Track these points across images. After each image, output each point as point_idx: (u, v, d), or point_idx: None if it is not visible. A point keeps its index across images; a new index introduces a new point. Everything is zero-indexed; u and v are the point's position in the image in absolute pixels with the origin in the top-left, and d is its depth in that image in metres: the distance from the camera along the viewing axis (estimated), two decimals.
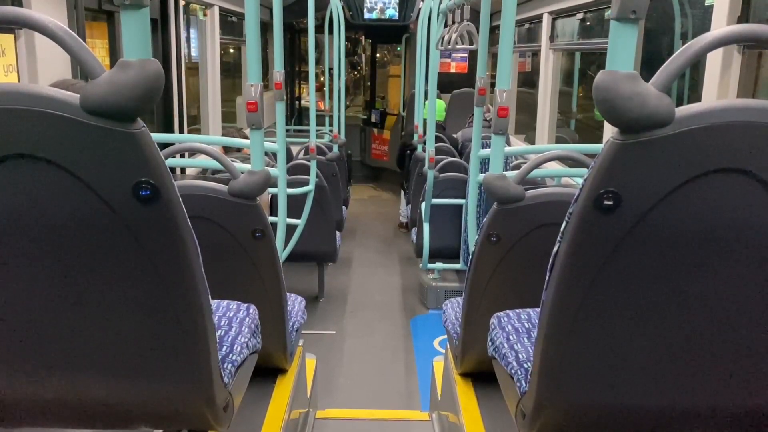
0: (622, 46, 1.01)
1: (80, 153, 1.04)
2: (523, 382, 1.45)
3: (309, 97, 4.35)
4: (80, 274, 1.16)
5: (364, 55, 10.72)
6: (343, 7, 7.15)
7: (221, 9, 5.58)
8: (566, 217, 1.14)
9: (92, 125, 1.01)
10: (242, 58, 6.96)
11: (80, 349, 1.25)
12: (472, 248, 2.09)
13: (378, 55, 10.49)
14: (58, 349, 1.25)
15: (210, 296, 1.29)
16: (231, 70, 7.08)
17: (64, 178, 1.06)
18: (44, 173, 1.05)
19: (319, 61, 9.31)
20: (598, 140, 4.48)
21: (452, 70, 8.93)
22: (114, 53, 3.87)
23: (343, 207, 5.94)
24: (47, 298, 1.19)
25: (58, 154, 1.04)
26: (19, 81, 2.75)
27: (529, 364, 1.46)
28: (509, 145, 5.94)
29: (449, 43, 4.11)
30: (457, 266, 4.79)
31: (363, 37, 10.47)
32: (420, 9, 7.18)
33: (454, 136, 6.50)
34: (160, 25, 4.39)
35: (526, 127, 6.87)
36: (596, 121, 5.39)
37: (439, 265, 4.85)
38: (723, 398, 1.27)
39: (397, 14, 8.31)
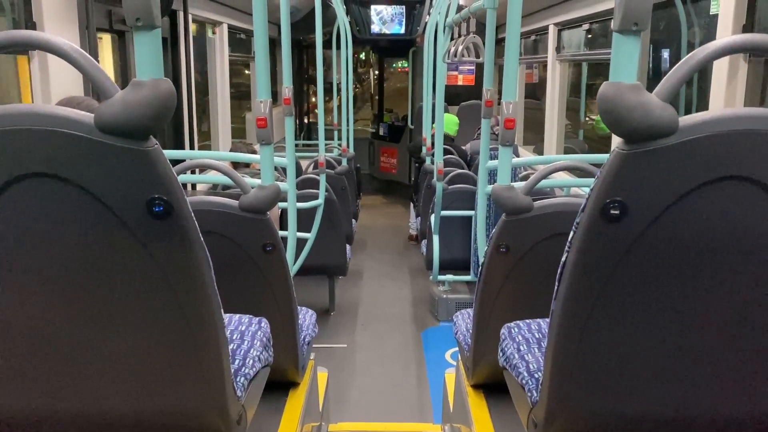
0: (625, 58, 1.03)
1: (95, 171, 1.07)
2: (534, 393, 1.45)
3: (318, 112, 4.40)
4: (95, 289, 1.18)
5: (371, 71, 10.79)
6: (350, 22, 7.22)
7: (230, 26, 5.65)
8: (573, 227, 1.15)
9: (106, 144, 1.04)
10: (251, 78, 7.04)
11: (94, 363, 1.27)
12: (481, 259, 2.10)
13: (386, 67, 10.57)
14: (72, 364, 1.27)
15: (222, 310, 1.30)
16: (241, 89, 7.15)
17: (79, 195, 1.08)
18: (60, 191, 1.08)
19: (327, 76, 9.38)
20: (608, 149, 4.48)
21: (459, 83, 8.97)
22: (125, 70, 3.94)
23: (353, 220, 5.96)
24: (62, 313, 1.21)
25: (74, 173, 1.07)
26: (32, 99, 2.80)
27: (539, 374, 1.47)
28: (518, 156, 5.95)
29: (456, 55, 4.14)
30: (468, 278, 4.79)
31: (370, 50, 10.55)
32: (426, 23, 7.23)
33: (463, 147, 6.52)
34: (170, 44, 4.46)
35: (535, 138, 6.88)
36: (605, 130, 5.39)
37: (449, 276, 4.85)
38: (735, 406, 1.26)
39: (403, 29, 8.37)
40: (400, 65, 10.53)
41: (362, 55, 10.88)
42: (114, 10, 3.56)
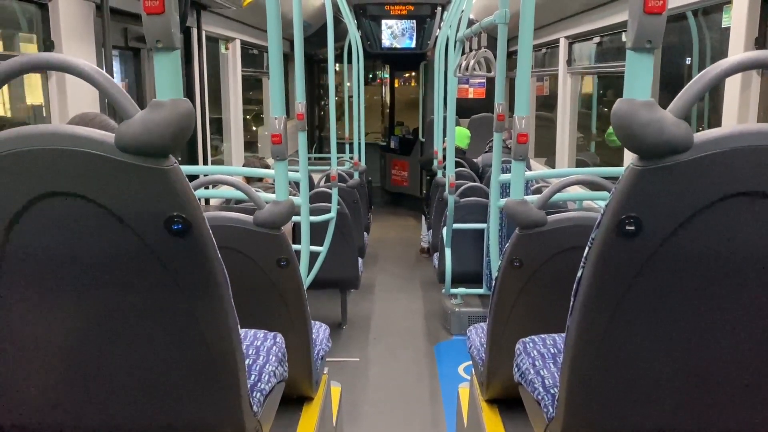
0: (639, 75, 1.04)
1: (115, 190, 1.08)
2: (550, 408, 1.44)
3: (330, 125, 4.44)
4: (115, 306, 1.19)
5: (384, 87, 10.83)
6: (361, 37, 7.27)
7: (242, 42, 5.71)
8: (589, 243, 1.15)
9: (127, 163, 1.06)
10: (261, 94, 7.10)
11: (112, 378, 1.28)
12: (494, 273, 2.09)
13: (396, 81, 10.62)
14: (89, 379, 1.28)
15: (239, 325, 1.31)
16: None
17: (100, 214, 1.10)
18: (81, 210, 1.10)
19: (338, 90, 9.44)
20: (620, 162, 4.47)
21: (470, 96, 8.99)
22: (140, 87, 3.99)
23: (365, 233, 5.96)
24: (81, 328, 1.22)
25: (95, 191, 1.09)
26: (50, 117, 2.85)
27: (555, 389, 1.46)
28: (530, 168, 5.94)
29: (467, 69, 4.16)
30: (480, 291, 4.77)
31: (383, 65, 10.62)
32: (437, 37, 7.27)
33: (475, 160, 6.52)
34: (183, 60, 4.51)
35: (546, 151, 6.88)
36: (617, 143, 5.37)
37: (461, 290, 4.84)
38: (753, 421, 1.25)
39: (413, 43, 8.43)
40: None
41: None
42: (129, 28, 3.62)
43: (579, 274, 1.18)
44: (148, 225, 1.11)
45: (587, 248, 1.15)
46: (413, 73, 10.55)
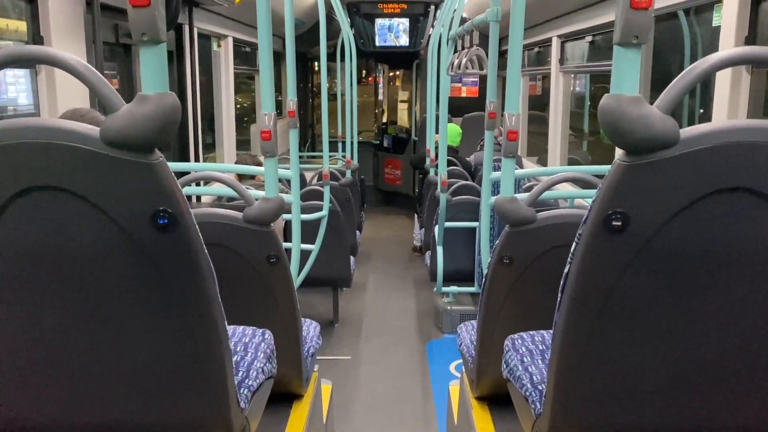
0: (626, 70, 1.04)
1: (100, 184, 1.08)
2: (537, 404, 1.45)
3: (322, 124, 4.43)
4: (100, 301, 1.19)
5: (378, 85, 10.83)
6: (354, 35, 7.27)
7: (235, 40, 5.69)
8: (576, 238, 1.15)
9: (112, 157, 1.05)
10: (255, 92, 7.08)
11: (98, 375, 1.27)
12: (485, 271, 2.10)
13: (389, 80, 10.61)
14: (76, 376, 1.27)
15: (226, 322, 1.31)
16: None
17: (85, 208, 1.09)
18: (66, 204, 1.09)
19: (331, 88, 9.44)
20: (612, 161, 4.47)
21: (463, 95, 9.00)
22: (131, 85, 3.97)
23: (357, 232, 5.95)
24: (67, 324, 1.21)
25: (80, 186, 1.08)
26: (39, 113, 2.83)
27: (543, 385, 1.46)
28: (522, 167, 5.95)
29: (459, 67, 4.16)
30: (472, 289, 4.78)
31: (374, 62, 10.63)
32: (430, 35, 7.27)
33: (467, 159, 6.52)
34: (176, 57, 4.49)
35: (538, 150, 6.89)
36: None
37: (453, 288, 4.84)
38: (739, 417, 1.26)
39: (407, 42, 8.43)
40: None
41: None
42: (120, 24, 3.60)
43: (566, 270, 1.19)
44: (134, 220, 1.10)
45: (574, 244, 1.16)
46: (397, 73, 10.56)
